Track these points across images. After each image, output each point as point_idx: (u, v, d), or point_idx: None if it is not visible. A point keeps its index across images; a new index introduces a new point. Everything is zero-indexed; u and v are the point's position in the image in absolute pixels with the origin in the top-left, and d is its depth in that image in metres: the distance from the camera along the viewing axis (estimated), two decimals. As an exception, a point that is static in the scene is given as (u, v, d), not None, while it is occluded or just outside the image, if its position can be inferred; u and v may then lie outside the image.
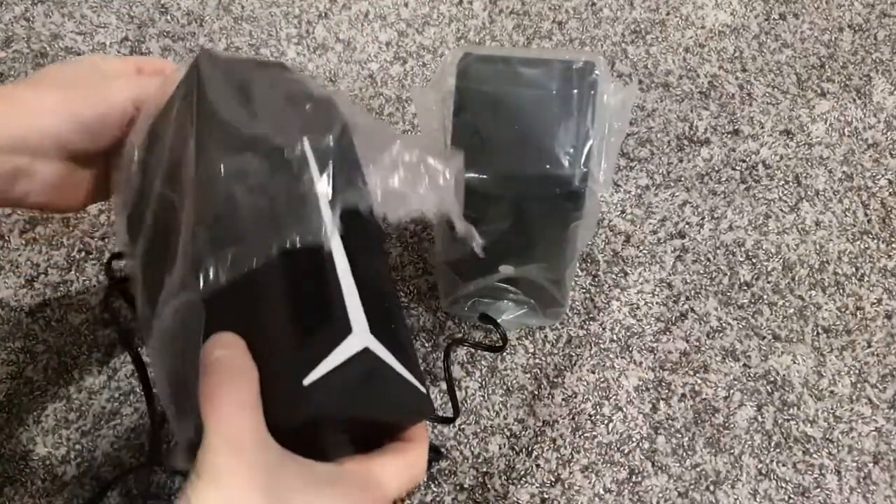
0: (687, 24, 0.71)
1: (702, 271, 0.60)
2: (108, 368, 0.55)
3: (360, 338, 0.33)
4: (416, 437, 0.36)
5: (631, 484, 0.53)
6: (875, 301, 0.59)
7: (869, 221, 0.62)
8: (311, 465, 0.31)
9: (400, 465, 0.34)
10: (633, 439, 0.54)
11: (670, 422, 0.55)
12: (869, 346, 0.57)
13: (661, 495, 0.52)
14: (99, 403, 0.54)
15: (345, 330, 0.32)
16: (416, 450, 0.35)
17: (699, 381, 0.56)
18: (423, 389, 0.35)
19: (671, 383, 0.56)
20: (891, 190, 0.63)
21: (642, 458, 0.54)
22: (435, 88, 0.45)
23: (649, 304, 0.58)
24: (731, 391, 0.56)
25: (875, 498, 0.53)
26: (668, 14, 0.71)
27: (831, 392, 0.56)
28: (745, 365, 0.56)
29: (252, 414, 0.30)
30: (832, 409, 0.55)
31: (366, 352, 0.33)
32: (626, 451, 0.54)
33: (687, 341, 0.57)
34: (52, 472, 0.52)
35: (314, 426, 0.32)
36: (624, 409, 0.55)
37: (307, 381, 0.31)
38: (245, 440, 0.29)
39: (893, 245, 0.61)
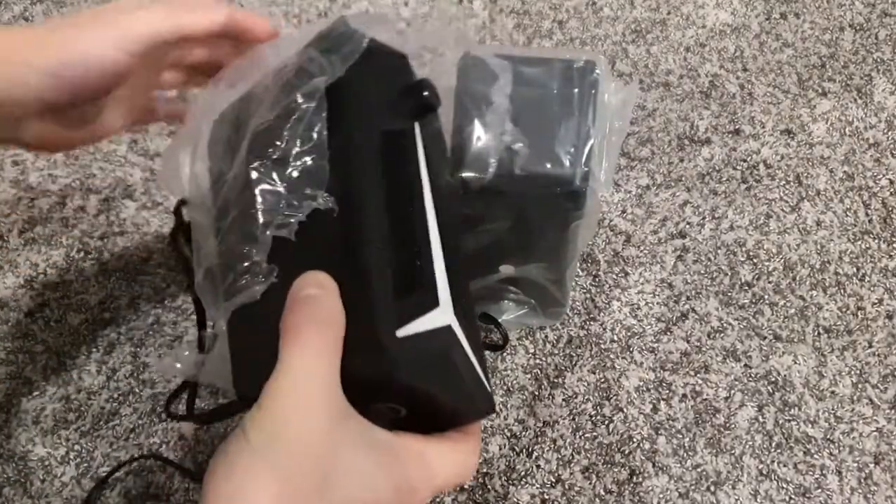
0: (688, 23, 0.71)
1: (703, 271, 0.60)
2: (108, 369, 0.55)
3: (446, 314, 0.32)
4: (472, 432, 0.35)
5: (632, 485, 0.53)
6: (876, 301, 0.59)
7: (870, 221, 0.62)
8: (371, 427, 0.30)
9: (455, 457, 0.33)
10: (634, 440, 0.54)
11: (671, 422, 0.54)
12: (870, 347, 0.57)
13: (661, 496, 0.52)
14: (98, 404, 0.54)
15: (433, 300, 0.32)
16: (471, 445, 0.34)
17: (700, 382, 0.56)
18: (489, 388, 0.35)
19: (672, 384, 0.56)
20: (892, 190, 0.63)
21: (643, 458, 0.53)
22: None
23: (650, 305, 0.58)
24: (732, 391, 0.55)
25: (876, 498, 0.52)
26: (668, 13, 0.71)
27: (832, 392, 0.56)
28: (745, 365, 0.56)
29: (331, 362, 0.29)
30: (833, 409, 0.55)
31: (448, 330, 0.32)
32: (626, 452, 0.54)
33: (688, 341, 0.57)
34: (51, 473, 0.52)
35: (386, 383, 0.31)
36: (624, 410, 0.55)
37: (401, 332, 0.30)
38: (316, 387, 0.28)
39: (894, 245, 0.61)
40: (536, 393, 0.55)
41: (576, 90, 0.43)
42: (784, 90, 0.67)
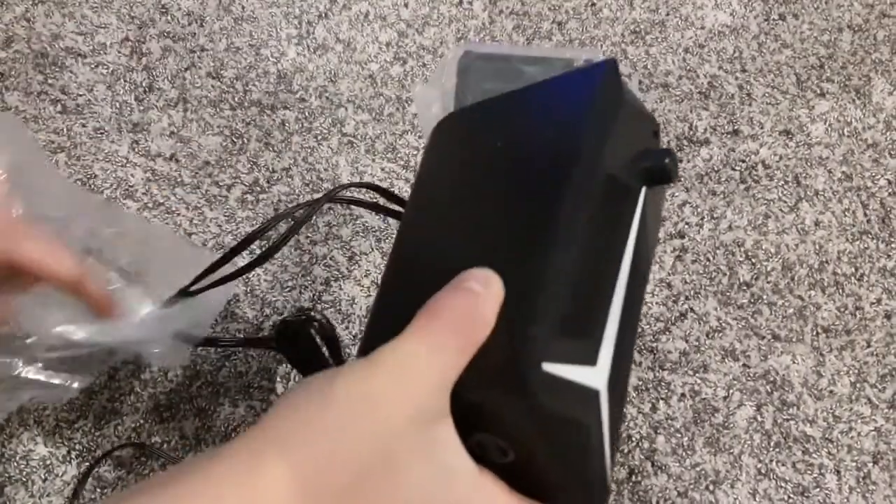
0: (686, 24, 0.71)
1: (701, 271, 0.60)
2: (108, 369, 0.55)
3: (598, 378, 0.29)
4: None
5: (631, 483, 0.53)
6: (874, 301, 0.59)
7: (868, 221, 0.62)
8: (458, 448, 0.27)
9: None
10: (633, 439, 0.54)
11: (670, 421, 0.55)
12: (868, 346, 0.57)
13: (660, 495, 0.52)
14: (100, 403, 0.54)
15: (591, 357, 0.29)
16: None
17: (699, 381, 0.56)
18: (609, 478, 0.31)
19: (671, 383, 0.56)
20: (890, 190, 0.63)
21: (642, 457, 0.54)
22: (435, 86, 0.45)
23: (649, 304, 0.59)
24: (731, 391, 0.56)
25: (874, 498, 0.53)
26: (667, 14, 0.71)
27: (831, 392, 0.56)
28: (744, 365, 0.56)
29: (453, 361, 0.26)
30: (831, 408, 0.55)
31: (595, 395, 0.29)
32: (625, 451, 0.54)
33: (686, 341, 0.57)
34: (53, 472, 0.52)
35: (507, 412, 0.27)
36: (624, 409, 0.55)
37: (547, 367, 0.26)
38: (421, 376, 0.26)
39: (893, 245, 0.61)
40: (536, 392, 0.56)
41: (575, 91, 0.43)
42: (783, 91, 0.67)
